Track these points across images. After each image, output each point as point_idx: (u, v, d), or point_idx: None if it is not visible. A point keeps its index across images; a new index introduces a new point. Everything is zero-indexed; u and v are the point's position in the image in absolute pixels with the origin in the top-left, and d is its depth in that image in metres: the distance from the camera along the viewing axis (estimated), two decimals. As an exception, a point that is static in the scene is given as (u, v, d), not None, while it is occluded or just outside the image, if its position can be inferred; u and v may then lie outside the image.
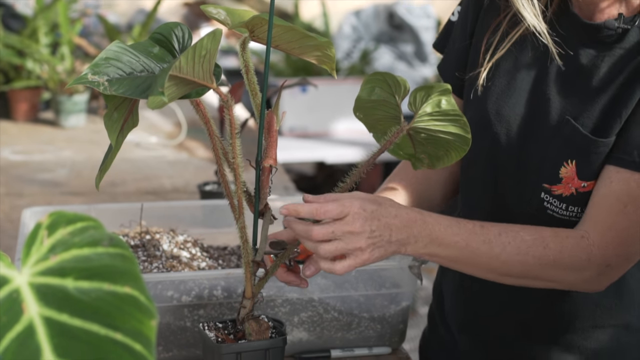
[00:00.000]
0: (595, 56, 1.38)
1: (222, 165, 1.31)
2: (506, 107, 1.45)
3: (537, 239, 1.32)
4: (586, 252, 1.33)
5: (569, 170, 1.37)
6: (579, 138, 1.36)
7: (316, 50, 1.30)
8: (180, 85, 1.19)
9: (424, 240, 1.29)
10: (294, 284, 1.36)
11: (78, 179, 2.85)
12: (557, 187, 1.39)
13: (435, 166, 1.37)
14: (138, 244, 1.67)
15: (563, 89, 1.41)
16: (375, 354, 1.61)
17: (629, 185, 1.33)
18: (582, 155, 1.36)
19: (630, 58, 1.35)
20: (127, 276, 0.73)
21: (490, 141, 1.45)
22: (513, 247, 1.32)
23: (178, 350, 1.53)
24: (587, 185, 1.37)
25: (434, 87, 1.28)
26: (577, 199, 1.38)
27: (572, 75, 1.40)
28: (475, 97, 1.48)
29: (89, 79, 1.17)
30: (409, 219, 1.28)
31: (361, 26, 5.08)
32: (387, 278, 1.60)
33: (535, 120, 1.42)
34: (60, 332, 0.70)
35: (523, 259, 1.32)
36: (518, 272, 1.33)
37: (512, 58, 1.46)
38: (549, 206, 1.41)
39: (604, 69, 1.37)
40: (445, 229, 1.30)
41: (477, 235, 1.31)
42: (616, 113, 1.34)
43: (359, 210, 1.24)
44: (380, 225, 1.25)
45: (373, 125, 1.40)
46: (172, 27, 1.28)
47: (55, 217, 0.77)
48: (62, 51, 3.64)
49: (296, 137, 4.26)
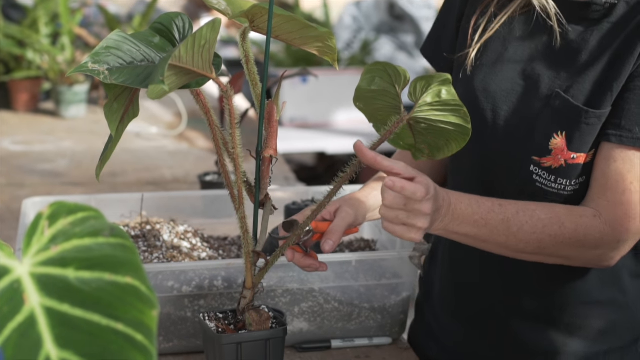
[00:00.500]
0: (584, 32, 1.42)
1: (223, 155, 1.31)
2: (493, 84, 1.48)
3: (553, 218, 1.36)
4: (599, 230, 1.37)
5: (559, 141, 1.40)
6: (570, 109, 1.39)
7: (317, 41, 1.30)
8: (180, 75, 1.19)
9: (446, 220, 1.32)
10: (313, 268, 1.38)
11: (78, 169, 2.85)
12: (546, 159, 1.42)
13: (436, 156, 1.38)
14: (138, 235, 1.67)
15: (552, 65, 1.44)
16: (375, 344, 1.61)
17: (633, 163, 1.37)
18: (573, 126, 1.39)
19: (619, 31, 1.38)
20: (128, 266, 0.73)
21: (477, 118, 1.46)
22: (530, 226, 1.35)
23: (178, 341, 1.54)
24: (577, 157, 1.40)
25: (434, 77, 1.28)
26: (566, 171, 1.41)
27: (561, 51, 1.43)
28: (464, 76, 1.51)
29: (90, 67, 1.17)
30: (442, 199, 1.31)
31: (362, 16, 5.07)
32: (387, 268, 1.60)
33: (523, 95, 1.45)
34: (62, 323, 0.70)
35: (539, 237, 1.35)
36: (533, 249, 1.37)
37: (500, 38, 1.49)
38: (538, 179, 1.43)
39: (593, 44, 1.40)
40: (466, 207, 1.33)
41: (496, 214, 1.35)
42: (607, 85, 1.37)
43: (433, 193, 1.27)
44: (436, 208, 1.28)
45: (373, 115, 1.40)
46: (172, 17, 1.28)
47: (56, 208, 0.77)
48: (62, 41, 3.64)
49: (296, 128, 4.25)
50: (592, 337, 1.51)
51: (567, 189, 1.42)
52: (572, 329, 1.51)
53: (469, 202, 1.34)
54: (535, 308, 1.52)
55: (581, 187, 1.42)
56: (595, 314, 1.51)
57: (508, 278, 1.53)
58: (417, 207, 1.25)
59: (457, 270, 1.61)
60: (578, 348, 1.51)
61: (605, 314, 1.51)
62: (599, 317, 1.51)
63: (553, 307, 1.51)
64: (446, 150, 1.36)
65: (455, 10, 1.57)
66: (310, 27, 1.26)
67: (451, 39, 1.57)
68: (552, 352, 1.52)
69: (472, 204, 1.34)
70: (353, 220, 1.42)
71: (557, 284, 1.50)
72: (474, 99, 1.48)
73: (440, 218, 1.31)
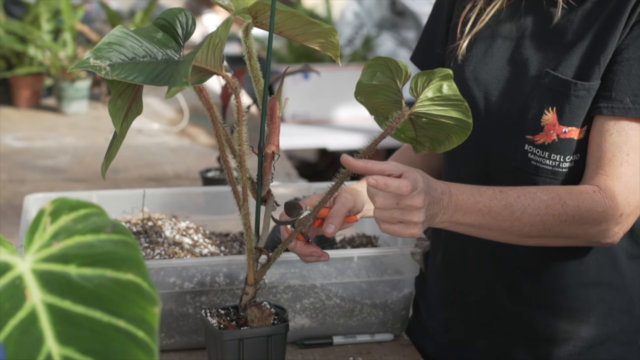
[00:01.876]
0: (569, 12, 1.45)
1: (225, 151, 1.31)
2: (484, 72, 1.52)
3: (555, 198, 1.37)
4: (601, 204, 1.37)
5: (550, 117, 1.43)
6: (559, 84, 1.42)
7: (320, 37, 1.30)
8: (193, 73, 1.19)
9: (450, 211, 1.32)
10: (315, 257, 1.38)
11: (80, 165, 2.85)
12: (539, 136, 1.44)
13: (437, 150, 1.40)
14: (140, 231, 1.67)
15: (540, 47, 1.47)
16: (377, 340, 1.61)
17: (627, 134, 1.38)
18: (563, 100, 1.42)
19: (603, 8, 1.42)
20: (130, 263, 0.73)
21: (470, 107, 1.47)
22: (533, 209, 1.36)
23: (180, 337, 1.54)
24: (569, 132, 1.42)
25: (435, 72, 1.29)
26: (559, 146, 1.43)
27: (548, 33, 1.47)
28: (455, 67, 1.54)
29: (91, 63, 1.17)
30: (441, 191, 1.31)
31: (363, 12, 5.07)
32: (389, 265, 1.60)
33: (513, 79, 1.49)
34: (63, 319, 0.70)
35: (543, 219, 1.36)
36: (538, 232, 1.37)
37: (489, 30, 1.53)
38: (533, 157, 1.45)
39: (577, 23, 1.44)
40: (468, 197, 1.34)
41: (498, 200, 1.35)
42: (594, 59, 1.40)
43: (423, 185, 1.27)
44: (430, 202, 1.28)
45: (374, 109, 1.41)
46: (176, 13, 1.28)
47: (58, 204, 0.77)
48: (64, 37, 3.64)
49: (298, 124, 4.25)
50: (593, 322, 1.51)
51: (562, 166, 1.44)
52: (571, 312, 1.52)
53: (470, 192, 1.34)
54: (533, 292, 1.53)
55: (576, 165, 1.44)
56: (593, 297, 1.51)
57: (501, 262, 1.54)
58: (409, 202, 1.26)
59: (450, 258, 1.62)
60: (580, 334, 1.51)
61: (603, 296, 1.51)
62: (597, 301, 1.51)
63: (551, 290, 1.52)
64: (447, 144, 1.38)
65: (444, 13, 1.61)
66: (314, 23, 1.26)
67: (442, 40, 1.61)
68: (554, 338, 1.52)
69: (474, 193, 1.35)
70: (352, 206, 1.42)
71: (553, 266, 1.51)
72: (466, 88, 1.51)
73: (441, 210, 1.31)
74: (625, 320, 1.53)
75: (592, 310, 1.51)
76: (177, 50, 1.25)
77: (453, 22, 1.59)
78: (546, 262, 1.51)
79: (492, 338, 1.58)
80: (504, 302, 1.56)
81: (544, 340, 1.54)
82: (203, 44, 1.14)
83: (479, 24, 1.53)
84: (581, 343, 1.52)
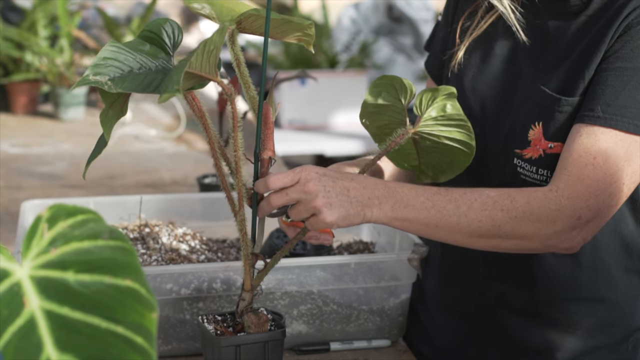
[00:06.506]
0: (562, 25, 1.45)
1: (219, 159, 1.31)
2: (481, 82, 1.52)
3: (503, 194, 1.33)
4: (555, 202, 1.32)
5: (536, 132, 1.43)
6: (544, 99, 1.42)
7: (297, 31, 1.31)
8: (187, 79, 1.20)
9: (389, 202, 1.29)
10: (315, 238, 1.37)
11: (77, 171, 2.84)
12: (527, 150, 1.44)
13: (440, 179, 1.42)
14: (137, 237, 1.67)
15: (533, 60, 1.47)
16: (374, 346, 1.61)
17: (596, 138, 1.34)
18: (548, 115, 1.41)
19: (594, 23, 1.41)
20: (127, 269, 0.73)
21: (468, 118, 1.47)
22: (480, 203, 1.32)
23: (177, 343, 1.54)
24: (554, 147, 1.41)
25: (439, 90, 1.32)
26: (546, 161, 1.42)
27: (541, 46, 1.47)
28: (453, 75, 1.55)
29: (92, 79, 1.18)
30: (368, 182, 1.30)
31: (360, 19, 5.07)
32: (386, 271, 1.60)
33: (507, 92, 1.49)
34: (62, 326, 0.70)
35: (491, 214, 1.32)
36: (488, 230, 1.32)
37: (487, 39, 1.53)
38: (522, 171, 1.45)
39: (569, 36, 1.44)
40: (409, 190, 1.31)
41: (442, 195, 1.32)
42: (579, 74, 1.40)
43: (311, 173, 1.27)
44: (335, 186, 1.27)
45: (378, 134, 1.42)
46: (161, 24, 1.29)
47: (55, 210, 0.77)
48: (61, 44, 3.64)
49: (295, 130, 4.26)
50: (581, 334, 1.51)
51: (549, 180, 1.41)
52: (561, 325, 1.52)
53: (411, 186, 1.32)
54: (523, 304, 1.53)
55: None
56: (584, 311, 1.51)
57: (492, 272, 1.55)
58: (302, 190, 1.26)
59: (445, 265, 1.62)
60: (568, 345, 1.52)
61: (594, 311, 1.51)
62: (588, 315, 1.51)
63: (540, 302, 1.52)
64: (450, 173, 1.41)
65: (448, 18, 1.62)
66: (290, 21, 1.27)
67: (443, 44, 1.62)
68: (541, 348, 1.53)
69: (416, 188, 1.32)
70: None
71: (545, 280, 1.50)
72: (464, 99, 1.51)
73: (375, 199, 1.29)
74: (616, 332, 1.53)
75: (582, 324, 1.51)
76: (168, 61, 1.27)
77: (453, 27, 1.59)
78: (537, 276, 1.51)
79: (482, 346, 1.59)
80: (494, 311, 1.56)
81: (532, 350, 1.54)
82: (197, 50, 1.15)
83: (477, 30, 1.53)
84: (568, 355, 1.52)
